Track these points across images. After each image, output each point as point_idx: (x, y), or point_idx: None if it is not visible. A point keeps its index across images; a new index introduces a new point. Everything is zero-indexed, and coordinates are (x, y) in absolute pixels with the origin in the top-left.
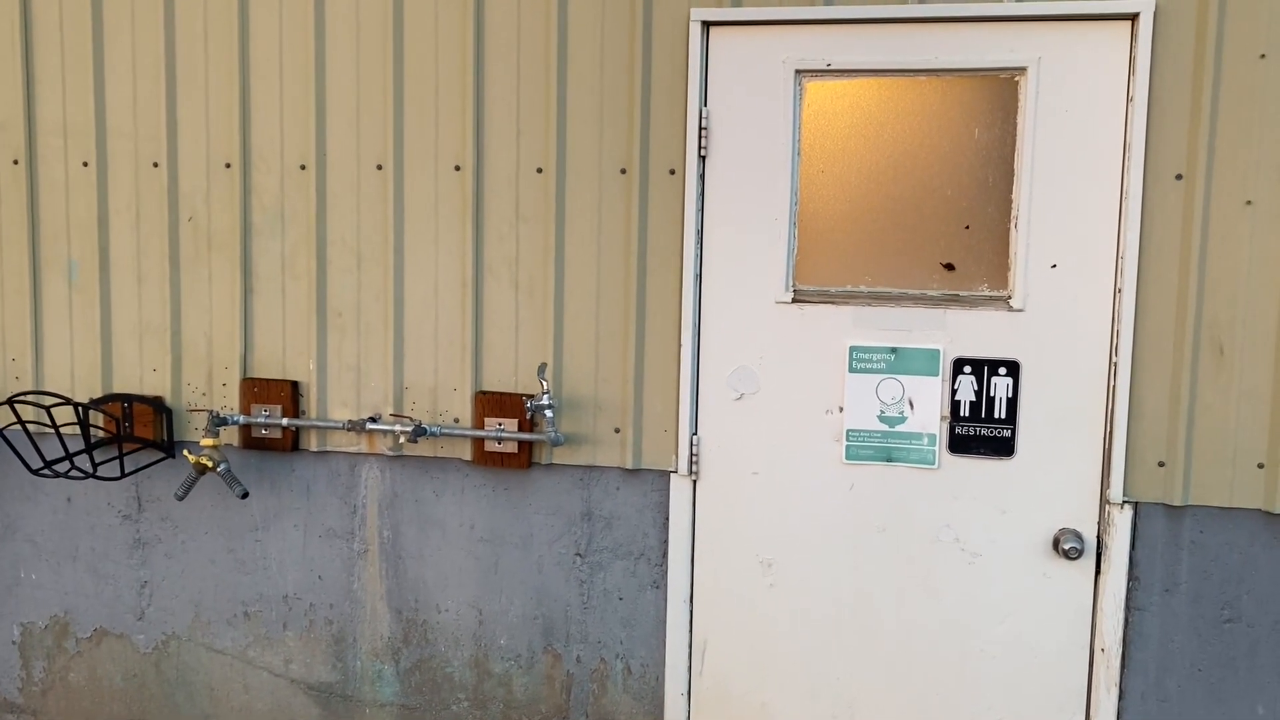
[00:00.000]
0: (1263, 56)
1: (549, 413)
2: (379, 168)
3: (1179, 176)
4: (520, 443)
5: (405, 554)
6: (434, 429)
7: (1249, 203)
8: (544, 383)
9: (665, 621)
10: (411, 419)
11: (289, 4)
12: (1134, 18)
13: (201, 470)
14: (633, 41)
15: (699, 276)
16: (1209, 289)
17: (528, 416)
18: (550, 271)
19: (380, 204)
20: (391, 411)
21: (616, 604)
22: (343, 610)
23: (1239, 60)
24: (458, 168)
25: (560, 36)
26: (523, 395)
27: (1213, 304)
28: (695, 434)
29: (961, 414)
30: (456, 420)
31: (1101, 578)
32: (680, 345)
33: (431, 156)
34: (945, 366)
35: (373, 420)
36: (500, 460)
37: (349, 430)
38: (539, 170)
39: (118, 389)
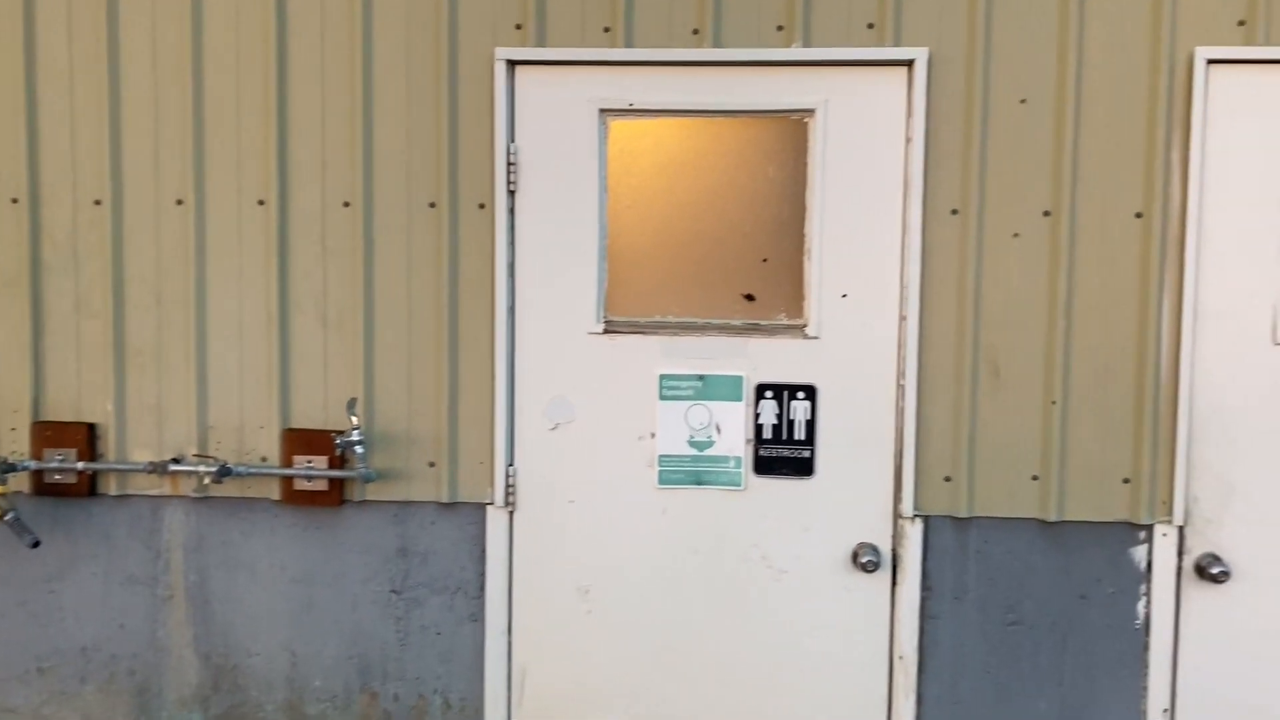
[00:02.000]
0: (1023, 101)
1: (359, 449)
2: (179, 203)
3: (954, 211)
4: (331, 480)
5: (213, 598)
6: (240, 469)
7: (1016, 235)
8: (353, 418)
9: (484, 654)
10: (216, 459)
11: (79, 33)
12: (910, 64)
13: None
14: (438, 78)
15: (512, 309)
16: (984, 315)
17: (338, 453)
18: (360, 305)
19: (181, 240)
20: (195, 452)
21: (434, 639)
22: (147, 660)
23: (1003, 104)
24: (261, 202)
25: (365, 72)
26: (332, 432)
27: (988, 329)
28: (511, 465)
29: (765, 437)
30: (264, 459)
31: (897, 589)
32: (494, 377)
33: (234, 191)
34: (749, 392)
35: (175, 461)
36: (310, 499)
37: (150, 472)
38: (346, 204)
39: None
